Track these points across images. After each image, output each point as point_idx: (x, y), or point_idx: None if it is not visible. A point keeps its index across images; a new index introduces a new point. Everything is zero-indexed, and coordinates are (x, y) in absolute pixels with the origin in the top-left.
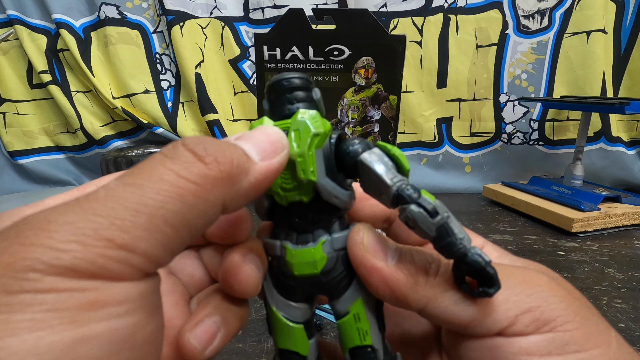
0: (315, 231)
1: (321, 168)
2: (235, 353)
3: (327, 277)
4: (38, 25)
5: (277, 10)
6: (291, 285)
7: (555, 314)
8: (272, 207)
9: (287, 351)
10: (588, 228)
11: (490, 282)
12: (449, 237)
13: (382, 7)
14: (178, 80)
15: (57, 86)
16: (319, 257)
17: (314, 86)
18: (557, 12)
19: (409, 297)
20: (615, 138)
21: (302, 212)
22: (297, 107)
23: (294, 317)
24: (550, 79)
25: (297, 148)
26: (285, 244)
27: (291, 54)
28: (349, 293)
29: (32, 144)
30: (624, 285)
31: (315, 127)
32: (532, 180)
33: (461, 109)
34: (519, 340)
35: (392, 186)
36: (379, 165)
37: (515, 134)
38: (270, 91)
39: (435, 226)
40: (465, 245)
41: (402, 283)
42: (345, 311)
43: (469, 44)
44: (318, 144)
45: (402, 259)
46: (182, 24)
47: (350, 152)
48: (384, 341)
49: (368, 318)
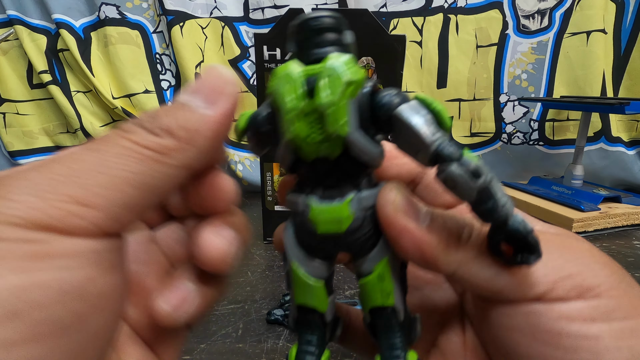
0: (342, 187)
1: (354, 120)
2: (235, 353)
3: (352, 237)
4: (38, 25)
5: (277, 10)
6: (313, 242)
7: (598, 281)
8: (296, 161)
9: (305, 307)
10: (588, 228)
11: (531, 250)
12: (491, 201)
13: (382, 7)
14: (178, 80)
15: (57, 86)
16: (345, 216)
17: (345, 27)
18: (557, 12)
19: (439, 260)
20: (615, 138)
21: (328, 168)
22: (327, 52)
23: (315, 273)
24: (550, 79)
25: (327, 97)
26: (310, 200)
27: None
28: (374, 253)
29: (32, 144)
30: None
31: (351, 73)
32: (532, 180)
33: (461, 109)
34: (559, 306)
35: (432, 143)
36: (417, 119)
37: (515, 134)
38: (297, 32)
39: (476, 189)
40: (508, 210)
41: (434, 246)
42: (369, 271)
43: (469, 44)
44: (352, 94)
45: (434, 222)
46: (182, 24)
47: (384, 104)
48: (404, 303)
49: (392, 279)
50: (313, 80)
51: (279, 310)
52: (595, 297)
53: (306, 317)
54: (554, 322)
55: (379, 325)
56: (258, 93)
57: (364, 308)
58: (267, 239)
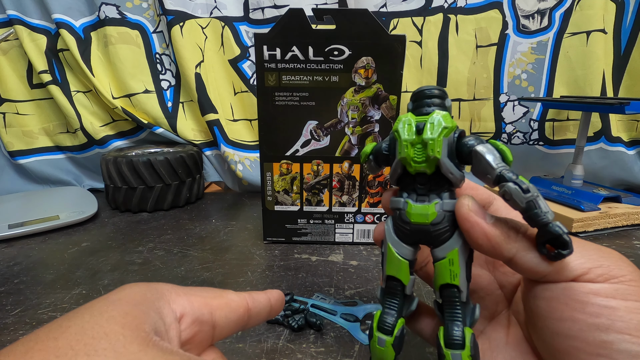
0: (430, 195)
1: (445, 150)
2: (235, 353)
3: (434, 228)
4: (38, 25)
5: (277, 10)
6: (407, 230)
7: (623, 272)
8: (402, 175)
9: (393, 277)
10: (588, 228)
11: (565, 247)
12: (536, 209)
13: (382, 7)
14: (178, 80)
15: (57, 86)
16: (431, 212)
17: (447, 96)
18: (557, 12)
19: (502, 246)
20: (615, 138)
21: (424, 180)
22: (434, 109)
23: (403, 254)
24: (550, 79)
25: (431, 134)
26: (408, 200)
27: (291, 54)
28: (449, 243)
29: (32, 144)
30: None
31: (446, 122)
32: (532, 180)
33: (461, 109)
34: (589, 285)
35: (497, 169)
36: (489, 154)
37: (515, 134)
38: (416, 96)
39: (525, 200)
40: (549, 217)
41: (497, 235)
42: (443, 256)
43: (468, 44)
44: (446, 134)
45: (498, 221)
46: (182, 24)
47: (467, 144)
48: (468, 288)
49: (460, 265)
50: (421, 124)
51: None
52: (618, 282)
53: (392, 286)
54: (584, 295)
55: (446, 301)
56: (258, 93)
57: (435, 287)
58: (267, 238)
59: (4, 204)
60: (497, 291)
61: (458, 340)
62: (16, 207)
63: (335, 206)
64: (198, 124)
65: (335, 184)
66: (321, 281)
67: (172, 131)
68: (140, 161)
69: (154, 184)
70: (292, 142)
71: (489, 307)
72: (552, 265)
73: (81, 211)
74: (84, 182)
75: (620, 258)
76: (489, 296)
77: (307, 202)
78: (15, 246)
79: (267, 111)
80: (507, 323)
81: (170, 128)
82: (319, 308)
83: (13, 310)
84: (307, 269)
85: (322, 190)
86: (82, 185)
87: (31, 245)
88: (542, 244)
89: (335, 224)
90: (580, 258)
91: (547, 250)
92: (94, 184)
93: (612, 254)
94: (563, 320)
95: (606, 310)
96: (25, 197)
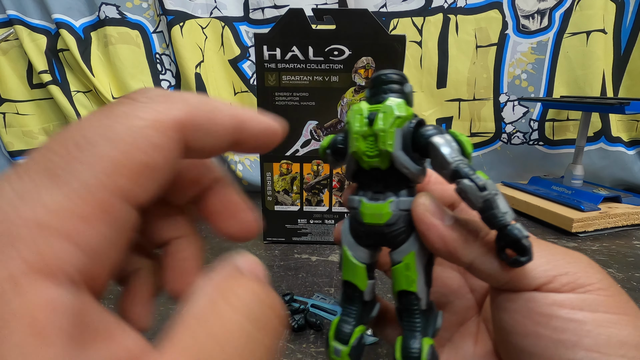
0: (386, 192)
1: (398, 143)
2: None
3: (389, 229)
4: (38, 25)
5: (277, 10)
6: (361, 231)
7: (591, 281)
8: (357, 171)
9: (349, 282)
10: (588, 228)
11: (524, 253)
12: (493, 210)
13: (382, 7)
14: (178, 80)
15: (57, 86)
16: (385, 212)
17: (406, 82)
18: (556, 12)
19: (459, 252)
20: (615, 138)
21: (379, 176)
22: (389, 96)
23: (359, 257)
24: (550, 79)
25: (382, 125)
26: (362, 198)
27: (291, 54)
28: (405, 246)
29: (32, 144)
30: (624, 285)
31: (399, 111)
32: (532, 180)
33: (461, 109)
34: (553, 295)
35: (452, 163)
36: (445, 146)
37: (515, 134)
38: (372, 82)
39: (482, 199)
40: (507, 218)
41: (455, 239)
42: (399, 260)
43: (468, 44)
44: (398, 125)
45: (457, 222)
46: (182, 24)
47: (423, 134)
48: (428, 295)
49: (417, 270)
50: (374, 114)
51: None
52: (585, 292)
53: (349, 291)
54: (548, 307)
55: (404, 309)
56: (258, 93)
57: (393, 293)
58: (267, 239)
59: None
60: (467, 295)
61: (414, 353)
62: None
63: (335, 206)
64: None
65: (335, 184)
66: (321, 281)
67: None
68: None
69: None
70: (292, 142)
71: (459, 312)
72: (512, 272)
73: None
74: None
75: (589, 264)
76: (459, 300)
77: (307, 202)
78: None
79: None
80: (477, 330)
81: None
82: (319, 308)
83: None
84: (307, 269)
85: (322, 190)
86: None
87: None
88: (502, 248)
89: (335, 224)
90: (545, 264)
91: (507, 255)
92: None
93: (580, 260)
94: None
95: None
96: None
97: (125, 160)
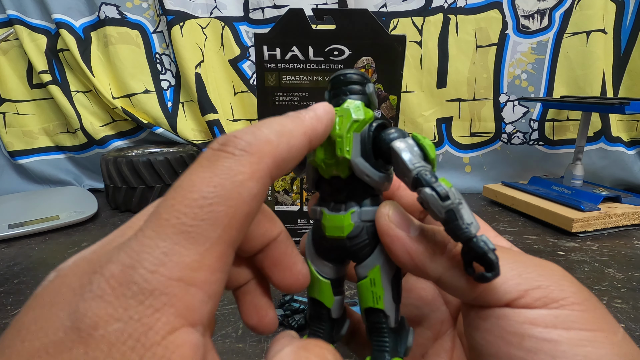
0: (348, 202)
1: (356, 149)
2: (235, 353)
3: (352, 242)
4: (38, 25)
5: (277, 10)
6: (324, 245)
7: (564, 295)
8: (318, 180)
9: (314, 299)
10: (588, 228)
11: (490, 268)
12: (456, 221)
13: (382, 7)
14: (178, 80)
15: (57, 86)
16: (347, 224)
17: (368, 82)
18: (557, 12)
19: (426, 265)
20: (615, 138)
21: (339, 186)
22: (348, 98)
23: (323, 272)
24: (550, 79)
25: (338, 130)
26: (323, 209)
27: (291, 54)
28: (370, 260)
29: (32, 144)
30: (624, 285)
31: (356, 114)
32: (532, 180)
33: (461, 109)
34: (525, 312)
35: (413, 170)
36: (405, 152)
37: (515, 134)
38: (331, 83)
39: (444, 209)
40: (471, 230)
41: (421, 252)
42: (364, 275)
43: (468, 44)
44: (357, 129)
45: (424, 234)
46: (182, 24)
47: (384, 139)
48: (397, 311)
49: (383, 285)
50: None
51: (278, 310)
52: (558, 307)
53: (316, 309)
54: (519, 325)
55: (372, 327)
56: (258, 93)
57: (361, 309)
58: None
59: (4, 204)
60: (442, 307)
61: None
62: (16, 207)
63: None
64: (198, 124)
65: None
66: None
67: (172, 131)
68: (140, 161)
69: (154, 184)
70: None
71: (434, 325)
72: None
73: (81, 211)
74: (84, 182)
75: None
76: (434, 313)
77: (307, 202)
78: (15, 246)
79: (267, 111)
80: (452, 346)
81: (170, 128)
82: None
83: (13, 310)
84: None
85: None
86: (82, 185)
87: (31, 245)
88: (468, 262)
89: None
90: (517, 277)
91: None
92: (94, 184)
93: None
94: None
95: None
96: (25, 197)
97: (236, 215)
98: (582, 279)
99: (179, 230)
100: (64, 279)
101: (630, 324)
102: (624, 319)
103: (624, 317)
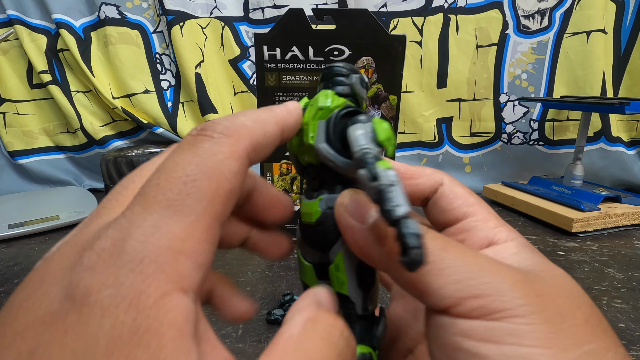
0: (320, 189)
1: (321, 135)
2: (235, 353)
3: (321, 228)
4: (38, 25)
5: (277, 10)
6: (302, 230)
7: (505, 306)
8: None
9: (304, 283)
10: (588, 228)
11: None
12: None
13: (382, 7)
14: (178, 80)
15: (57, 86)
16: (314, 210)
17: (352, 72)
18: (557, 12)
19: (373, 255)
20: (615, 138)
21: (314, 173)
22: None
23: (305, 256)
24: (550, 79)
25: (305, 118)
26: (302, 196)
27: (291, 54)
28: (336, 246)
29: (32, 144)
30: (624, 285)
31: (322, 102)
32: (532, 180)
33: (461, 109)
34: (461, 322)
35: (357, 152)
36: (357, 136)
37: (515, 134)
38: (321, 77)
39: (373, 190)
40: (397, 211)
41: (369, 243)
42: (331, 260)
43: (469, 44)
44: (322, 116)
45: (378, 224)
46: (182, 24)
47: (346, 125)
48: (365, 299)
49: (346, 271)
50: None
51: (278, 310)
52: (495, 320)
53: None
54: (454, 336)
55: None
56: (258, 93)
57: None
58: None
59: (4, 204)
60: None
61: None
62: (16, 207)
63: None
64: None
65: None
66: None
67: (172, 131)
68: (140, 161)
69: None
70: None
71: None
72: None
73: (81, 211)
74: (84, 182)
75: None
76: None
77: None
78: (15, 246)
79: None
80: None
81: (170, 128)
82: None
83: None
84: None
85: None
86: (82, 185)
87: (31, 245)
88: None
89: None
90: (457, 283)
91: None
92: (94, 184)
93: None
94: None
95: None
96: (25, 197)
97: (219, 190)
98: (582, 279)
99: (165, 205)
100: (52, 262)
101: (630, 324)
102: (624, 319)
103: (624, 317)
